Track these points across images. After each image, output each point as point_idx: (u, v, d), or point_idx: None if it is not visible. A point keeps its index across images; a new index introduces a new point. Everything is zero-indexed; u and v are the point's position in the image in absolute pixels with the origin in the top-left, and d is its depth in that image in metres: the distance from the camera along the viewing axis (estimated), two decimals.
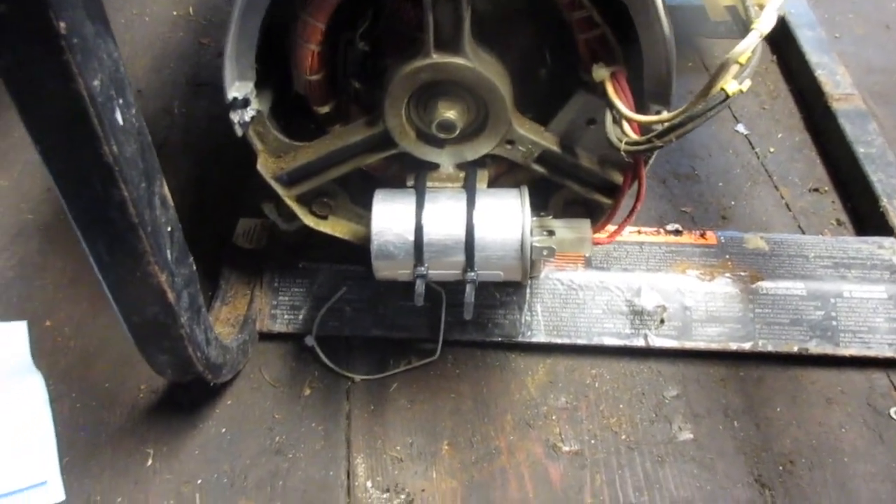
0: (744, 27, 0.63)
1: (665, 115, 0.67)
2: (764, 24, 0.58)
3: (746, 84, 0.60)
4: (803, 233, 1.11)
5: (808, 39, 1.37)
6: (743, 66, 0.60)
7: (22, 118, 0.54)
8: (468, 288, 0.78)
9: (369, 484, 0.85)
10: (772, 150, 1.26)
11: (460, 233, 0.76)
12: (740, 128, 1.29)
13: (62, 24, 0.48)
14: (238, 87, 0.76)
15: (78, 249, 1.06)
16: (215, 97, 1.35)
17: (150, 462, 0.87)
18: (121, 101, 0.57)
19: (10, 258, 1.08)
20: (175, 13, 1.55)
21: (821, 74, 1.30)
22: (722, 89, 0.60)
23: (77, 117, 0.53)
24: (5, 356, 0.91)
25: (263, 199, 0.94)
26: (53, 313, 1.01)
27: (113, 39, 0.55)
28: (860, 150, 1.15)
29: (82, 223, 0.62)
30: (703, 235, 1.02)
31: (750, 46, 0.58)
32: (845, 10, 1.56)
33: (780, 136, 1.29)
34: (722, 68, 0.60)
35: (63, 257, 1.08)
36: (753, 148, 1.26)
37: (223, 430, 0.90)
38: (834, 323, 0.94)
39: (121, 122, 0.57)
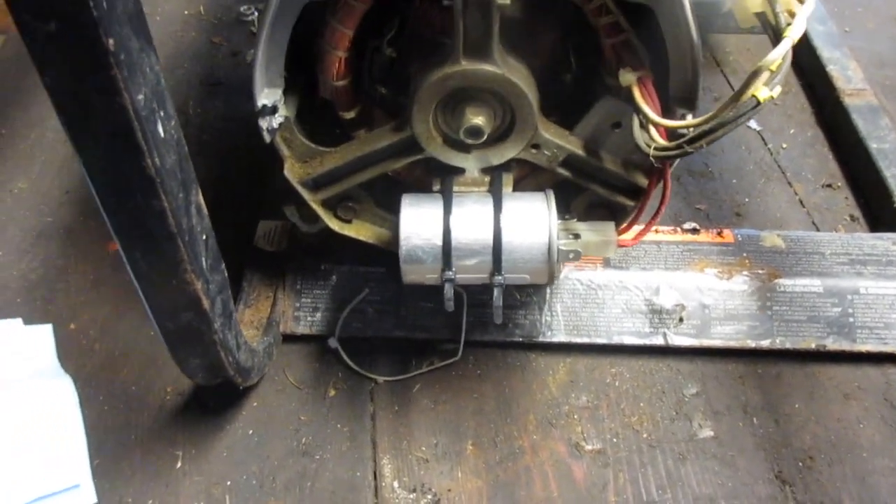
0: (773, 33, 0.64)
1: (693, 119, 0.67)
2: (795, 32, 0.59)
3: (777, 90, 0.61)
4: (817, 229, 1.12)
5: (819, 34, 1.38)
6: (774, 73, 0.60)
7: (67, 131, 0.55)
8: (496, 292, 0.79)
9: (396, 484, 0.86)
10: (784, 146, 1.27)
11: (488, 237, 0.77)
12: (752, 124, 1.30)
13: (111, 41, 0.49)
14: (267, 95, 0.77)
15: (100, 252, 1.10)
16: (229, 97, 1.36)
17: (179, 464, 0.88)
18: (162, 113, 0.57)
19: (33, 261, 1.08)
20: (186, 12, 1.55)
21: (832, 69, 1.31)
22: (754, 96, 0.61)
23: (122, 131, 0.54)
24: (33, 359, 0.92)
25: (284, 202, 0.94)
26: (77, 316, 1.02)
27: (155, 53, 0.56)
28: (873, 145, 1.16)
29: (122, 232, 0.63)
30: (720, 234, 1.03)
31: (781, 54, 0.59)
32: (855, 3, 1.57)
33: (792, 131, 1.30)
34: (754, 75, 0.60)
35: (85, 260, 1.09)
36: (766, 144, 1.27)
37: (250, 431, 0.91)
38: (851, 319, 0.95)
39: (162, 134, 0.58)
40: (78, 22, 0.48)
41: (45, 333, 0.96)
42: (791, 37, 0.59)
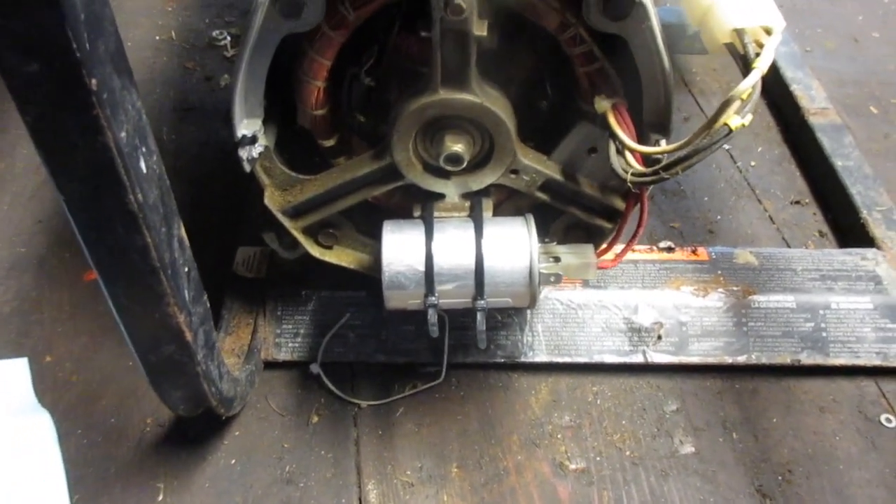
0: (743, 63, 0.66)
1: (668, 146, 0.69)
2: (764, 63, 0.61)
3: (748, 118, 0.63)
4: (788, 245, 1.15)
5: (782, 55, 1.41)
6: (745, 102, 0.62)
7: (48, 169, 0.55)
8: (479, 316, 0.79)
9: None
10: (753, 164, 1.30)
11: (470, 262, 0.78)
12: None
13: (94, 81, 0.49)
14: (247, 125, 0.77)
15: (75, 281, 1.08)
16: (203, 122, 1.36)
17: (161, 497, 0.87)
18: (144, 149, 0.58)
19: (6, 293, 1.07)
20: (158, 37, 1.54)
21: (796, 89, 1.35)
22: (725, 124, 0.63)
23: (104, 168, 0.54)
24: (9, 394, 0.91)
25: (263, 229, 0.94)
26: (53, 348, 1.00)
27: (136, 90, 0.56)
28: (838, 163, 1.20)
29: (103, 268, 0.62)
30: (694, 252, 1.05)
31: (751, 84, 0.61)
32: (814, 24, 1.61)
33: (759, 149, 1.33)
34: (726, 104, 0.62)
35: (59, 291, 1.07)
36: (735, 162, 1.30)
37: (233, 461, 0.90)
38: (823, 334, 0.97)
39: (144, 170, 0.58)
40: (61, 62, 0.48)
41: (20, 367, 0.94)
42: (760, 67, 0.61)
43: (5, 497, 0.81)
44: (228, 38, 1.54)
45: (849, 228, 1.14)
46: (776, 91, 1.39)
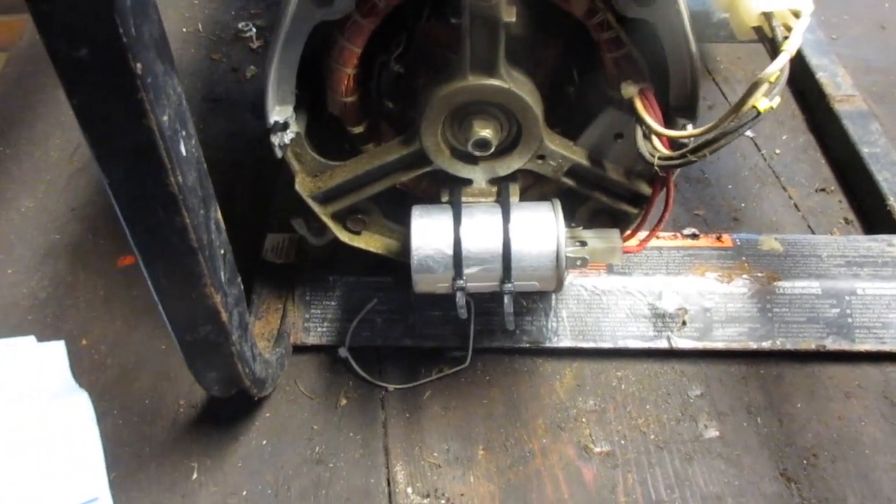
0: (770, 46, 0.66)
1: (695, 130, 0.70)
2: (792, 45, 0.62)
3: (776, 101, 0.63)
4: (813, 232, 1.15)
5: (808, 42, 1.41)
6: (773, 84, 0.63)
7: (93, 152, 0.57)
8: (506, 299, 0.81)
9: (409, 490, 0.88)
10: (777, 151, 1.29)
11: (497, 246, 0.79)
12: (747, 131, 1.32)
13: (139, 65, 0.51)
14: (279, 112, 0.79)
15: (108, 267, 1.11)
16: (231, 113, 1.38)
17: (195, 475, 0.89)
18: (184, 133, 0.59)
19: (42, 279, 1.10)
20: (185, 30, 1.57)
21: (822, 76, 1.34)
22: (754, 107, 0.63)
23: (147, 150, 0.56)
24: (49, 376, 0.93)
25: (292, 215, 0.96)
26: (88, 332, 1.03)
27: (177, 75, 0.58)
28: (864, 150, 1.19)
29: (143, 248, 0.64)
30: (719, 238, 1.06)
31: (780, 66, 0.62)
32: (840, 11, 1.60)
33: (784, 137, 1.32)
34: (754, 87, 0.63)
35: (93, 276, 1.10)
36: (760, 150, 1.30)
37: (264, 441, 0.92)
38: (849, 320, 0.97)
39: (184, 153, 0.59)
40: (108, 48, 0.49)
41: (58, 350, 0.97)
42: (788, 50, 0.62)
43: (47, 473, 0.83)
44: (254, 29, 1.56)
45: (875, 215, 1.13)
46: (801, 79, 1.39)
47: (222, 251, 0.69)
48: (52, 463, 0.84)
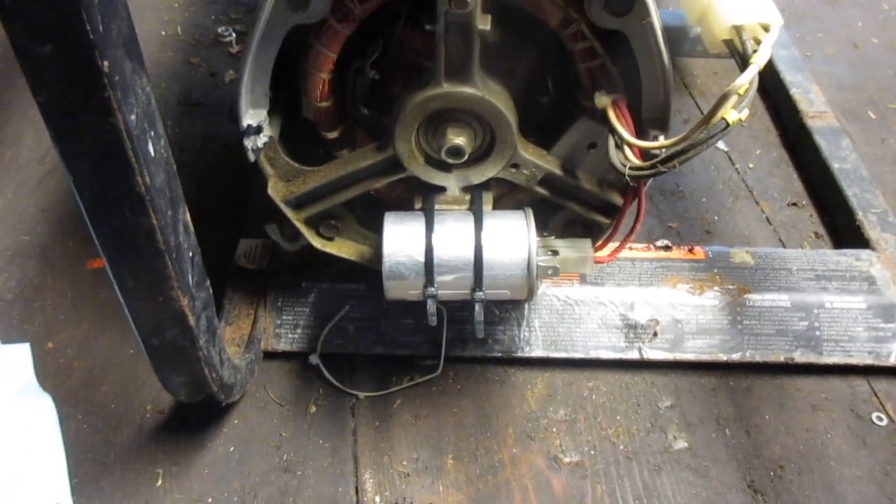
0: (740, 59, 0.67)
1: (666, 140, 0.70)
2: (761, 58, 0.62)
3: (745, 113, 0.64)
4: (784, 246, 1.16)
5: (782, 58, 1.43)
6: (742, 97, 0.64)
7: (58, 150, 0.56)
8: (477, 307, 0.80)
9: (378, 499, 0.87)
10: (751, 165, 1.31)
11: (469, 254, 0.79)
12: (721, 145, 1.34)
13: (105, 63, 0.50)
14: (252, 115, 0.78)
15: (77, 270, 1.10)
16: (208, 117, 1.37)
17: (160, 482, 0.88)
18: (153, 133, 0.59)
19: (9, 280, 1.08)
20: (163, 33, 1.56)
21: (795, 93, 1.36)
22: (723, 118, 0.64)
23: (114, 150, 0.55)
24: (12, 379, 0.92)
25: (266, 220, 0.96)
26: (55, 335, 1.01)
27: (146, 74, 0.57)
28: (835, 165, 1.21)
29: (110, 249, 0.63)
30: (691, 251, 1.06)
31: (749, 79, 0.62)
32: (815, 29, 1.63)
33: (758, 152, 1.34)
34: (723, 99, 0.63)
35: (62, 278, 1.09)
36: (734, 164, 1.31)
37: (231, 448, 0.91)
38: (817, 333, 0.98)
39: (152, 153, 0.59)
40: (74, 44, 0.49)
41: (22, 352, 0.95)
42: (757, 62, 0.62)
43: (7, 478, 0.82)
44: (234, 34, 1.55)
45: (844, 230, 1.15)
46: (776, 95, 1.41)
47: (191, 254, 0.69)
48: (13, 467, 0.83)
